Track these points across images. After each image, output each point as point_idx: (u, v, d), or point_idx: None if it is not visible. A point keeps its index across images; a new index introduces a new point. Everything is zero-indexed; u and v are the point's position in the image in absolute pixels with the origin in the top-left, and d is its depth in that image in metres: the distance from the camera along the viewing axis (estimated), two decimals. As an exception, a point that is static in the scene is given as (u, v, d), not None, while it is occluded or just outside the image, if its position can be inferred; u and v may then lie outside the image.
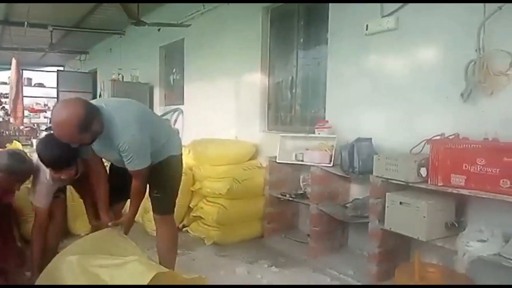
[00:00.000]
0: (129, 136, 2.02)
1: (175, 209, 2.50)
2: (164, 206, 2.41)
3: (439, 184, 2.21)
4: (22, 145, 3.70)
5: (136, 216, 2.47)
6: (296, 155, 3.23)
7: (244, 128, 4.19)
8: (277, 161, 3.30)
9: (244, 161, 3.72)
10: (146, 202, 2.49)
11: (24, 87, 7.82)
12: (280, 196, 3.34)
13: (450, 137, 2.29)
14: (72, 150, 2.08)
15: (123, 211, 2.55)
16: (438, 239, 2.24)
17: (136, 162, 2.09)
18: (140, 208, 2.41)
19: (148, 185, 2.33)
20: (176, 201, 2.48)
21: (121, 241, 2.17)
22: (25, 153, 2.52)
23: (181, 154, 2.47)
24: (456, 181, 2.15)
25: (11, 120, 7.01)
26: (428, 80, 2.62)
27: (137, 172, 2.15)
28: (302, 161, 3.16)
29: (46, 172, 2.32)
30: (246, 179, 3.39)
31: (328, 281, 2.59)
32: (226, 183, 3.31)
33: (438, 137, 2.31)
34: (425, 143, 2.36)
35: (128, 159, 2.07)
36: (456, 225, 2.28)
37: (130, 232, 2.42)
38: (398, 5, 2.73)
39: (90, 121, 1.95)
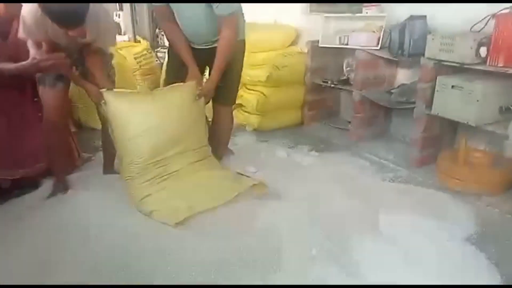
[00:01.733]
0: None
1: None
2: (228, 96, 2.35)
3: (499, 65, 2.01)
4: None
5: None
6: (340, 38, 3.02)
7: (284, 10, 3.90)
8: (320, 45, 3.11)
9: (284, 47, 3.54)
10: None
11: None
12: (321, 83, 3.23)
13: (521, 10, 2.01)
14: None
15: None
16: (489, 124, 2.13)
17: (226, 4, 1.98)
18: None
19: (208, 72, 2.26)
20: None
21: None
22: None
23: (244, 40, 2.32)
24: (520, 61, 1.95)
25: None
26: None
27: (229, 18, 2.03)
28: (347, 44, 2.96)
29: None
30: (287, 66, 3.27)
31: (367, 165, 2.62)
32: (266, 70, 3.21)
33: (507, 11, 2.03)
34: (489, 18, 2.10)
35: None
36: (511, 109, 2.13)
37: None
38: None
39: None
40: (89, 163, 2.68)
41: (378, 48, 2.74)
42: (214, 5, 1.97)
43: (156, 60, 4.46)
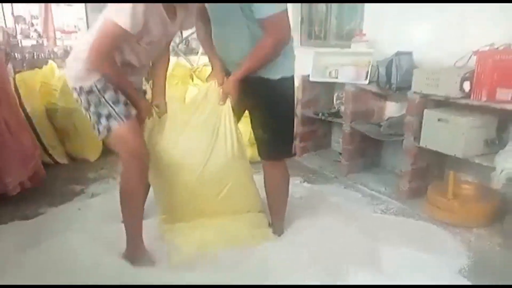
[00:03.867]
0: None
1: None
2: (279, 146, 1.87)
3: (482, 99, 2.09)
4: (58, 66, 3.75)
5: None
6: (330, 72, 3.12)
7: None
8: (311, 79, 3.20)
9: (275, 80, 3.63)
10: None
11: (52, 7, 7.74)
12: (313, 115, 3.30)
13: (500, 48, 2.11)
14: None
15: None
16: (475, 156, 2.18)
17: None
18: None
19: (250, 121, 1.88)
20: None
21: None
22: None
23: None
24: (501, 96, 2.02)
25: (45, 42, 7.08)
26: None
27: (272, 21, 1.60)
28: (337, 78, 3.05)
29: None
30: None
31: (358, 197, 2.64)
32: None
33: (487, 48, 2.13)
34: (471, 55, 2.20)
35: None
36: (497, 142, 2.20)
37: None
38: None
39: None
40: (81, 196, 2.67)
41: (366, 82, 2.82)
42: (251, 6, 1.57)
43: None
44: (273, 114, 1.78)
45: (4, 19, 9.39)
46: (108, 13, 1.54)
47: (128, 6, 1.48)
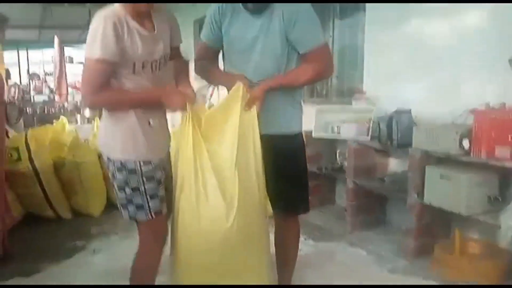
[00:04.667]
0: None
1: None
2: (296, 202, 1.83)
3: (482, 157, 2.12)
4: (68, 121, 3.89)
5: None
6: (332, 128, 3.19)
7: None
8: (313, 135, 3.27)
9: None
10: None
11: (66, 65, 8.13)
12: (316, 170, 3.33)
13: (496, 107, 2.18)
14: None
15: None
16: (480, 214, 2.17)
17: (316, 29, 1.63)
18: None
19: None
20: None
21: None
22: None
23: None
24: (500, 153, 2.05)
25: (56, 98, 7.35)
26: (472, 46, 2.47)
27: (317, 53, 1.62)
28: (339, 134, 3.12)
29: None
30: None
31: (364, 255, 2.59)
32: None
33: (483, 107, 2.20)
34: (468, 113, 2.26)
35: (304, 26, 1.59)
36: (500, 199, 2.19)
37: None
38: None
39: None
40: (83, 252, 2.65)
41: (368, 138, 2.88)
42: (296, 31, 1.59)
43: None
44: (292, 168, 1.78)
45: (20, 76, 9.85)
46: (85, 52, 1.48)
47: (98, 36, 1.42)
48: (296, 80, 1.68)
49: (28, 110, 5.68)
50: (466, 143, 2.20)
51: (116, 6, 1.50)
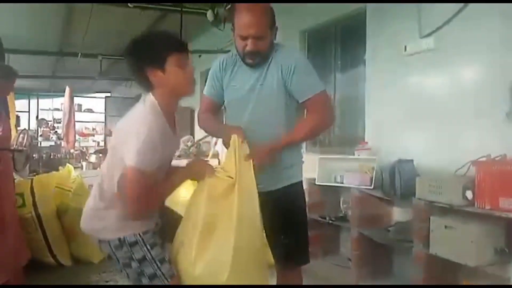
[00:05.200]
0: (298, 53, 1.86)
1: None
2: (296, 254, 1.82)
3: (486, 208, 2.11)
4: (74, 167, 3.94)
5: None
6: (335, 177, 3.21)
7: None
8: (316, 183, 3.29)
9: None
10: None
11: (75, 113, 8.34)
12: (319, 219, 3.31)
13: (497, 158, 2.21)
14: None
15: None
16: (487, 265, 2.13)
17: (313, 78, 1.72)
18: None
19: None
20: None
21: None
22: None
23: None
24: (505, 205, 2.05)
25: (63, 144, 7.47)
26: (471, 99, 2.55)
27: (316, 100, 1.69)
28: (342, 183, 3.14)
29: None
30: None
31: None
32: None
33: (484, 158, 2.23)
34: (470, 165, 2.29)
35: (302, 76, 1.68)
36: (507, 250, 2.16)
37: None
38: (437, 24, 2.70)
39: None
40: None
41: (371, 187, 2.89)
42: (299, 82, 1.68)
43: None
44: (292, 219, 1.79)
45: (29, 122, 10.09)
46: (129, 161, 1.41)
47: (145, 147, 1.39)
48: (297, 138, 1.74)
49: (34, 156, 5.74)
50: (469, 194, 2.20)
51: (155, 106, 1.48)
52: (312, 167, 3.38)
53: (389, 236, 2.77)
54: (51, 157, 6.41)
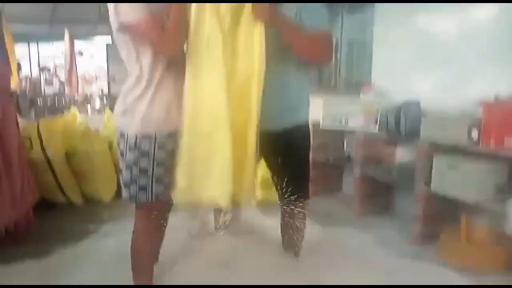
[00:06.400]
0: None
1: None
2: (297, 186, 1.87)
3: (491, 147, 2.13)
4: (79, 112, 3.96)
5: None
6: (340, 120, 3.22)
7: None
8: (321, 126, 3.30)
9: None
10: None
11: (76, 58, 8.22)
12: (323, 160, 3.35)
13: (505, 98, 2.19)
14: None
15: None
16: (487, 202, 2.19)
17: (323, 15, 1.71)
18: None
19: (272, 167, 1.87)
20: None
21: None
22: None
23: None
24: (510, 144, 2.07)
25: (67, 90, 7.44)
26: (482, 38, 2.48)
27: (323, 31, 1.68)
28: (347, 125, 3.14)
29: None
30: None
31: (370, 241, 2.62)
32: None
33: (492, 98, 2.21)
34: (477, 105, 2.27)
35: (313, 11, 1.67)
36: (508, 187, 2.21)
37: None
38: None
39: None
40: (94, 236, 2.70)
41: (376, 129, 2.90)
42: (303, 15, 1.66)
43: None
44: (295, 158, 1.84)
45: (30, 69, 9.98)
46: (128, 16, 1.46)
47: None
48: (295, 33, 1.63)
49: (39, 102, 5.75)
50: (475, 134, 2.22)
51: None
52: (316, 110, 3.37)
53: (391, 176, 2.82)
54: (56, 103, 6.42)
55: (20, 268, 2.22)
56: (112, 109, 1.77)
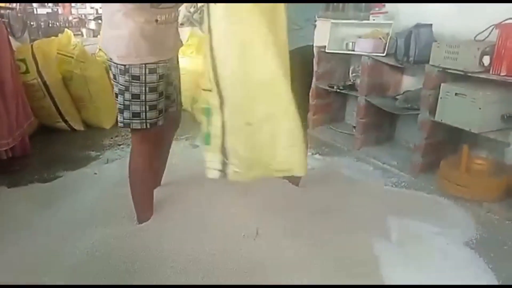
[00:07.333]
0: None
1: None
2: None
3: (502, 74, 2.05)
4: (74, 34, 3.77)
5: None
6: (347, 44, 3.07)
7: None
8: (327, 51, 3.16)
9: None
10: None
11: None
12: (327, 87, 3.27)
13: (523, 22, 2.05)
14: None
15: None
16: (491, 131, 2.16)
17: None
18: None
19: None
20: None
21: None
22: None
23: None
24: (522, 71, 1.98)
25: (60, 10, 7.06)
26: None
27: None
28: (353, 50, 3.01)
29: None
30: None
31: (370, 170, 2.65)
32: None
33: (511, 21, 2.07)
34: (492, 29, 2.14)
35: None
36: (513, 117, 2.16)
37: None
38: None
39: None
40: (97, 161, 2.74)
41: (384, 54, 2.77)
42: None
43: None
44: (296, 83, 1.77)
45: (20, -14, 9.43)
46: None
47: None
48: None
49: (32, 23, 5.49)
50: (486, 60, 2.11)
51: None
52: (323, 35, 3.21)
53: (396, 104, 2.77)
54: (50, 24, 6.13)
55: (27, 190, 2.28)
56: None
